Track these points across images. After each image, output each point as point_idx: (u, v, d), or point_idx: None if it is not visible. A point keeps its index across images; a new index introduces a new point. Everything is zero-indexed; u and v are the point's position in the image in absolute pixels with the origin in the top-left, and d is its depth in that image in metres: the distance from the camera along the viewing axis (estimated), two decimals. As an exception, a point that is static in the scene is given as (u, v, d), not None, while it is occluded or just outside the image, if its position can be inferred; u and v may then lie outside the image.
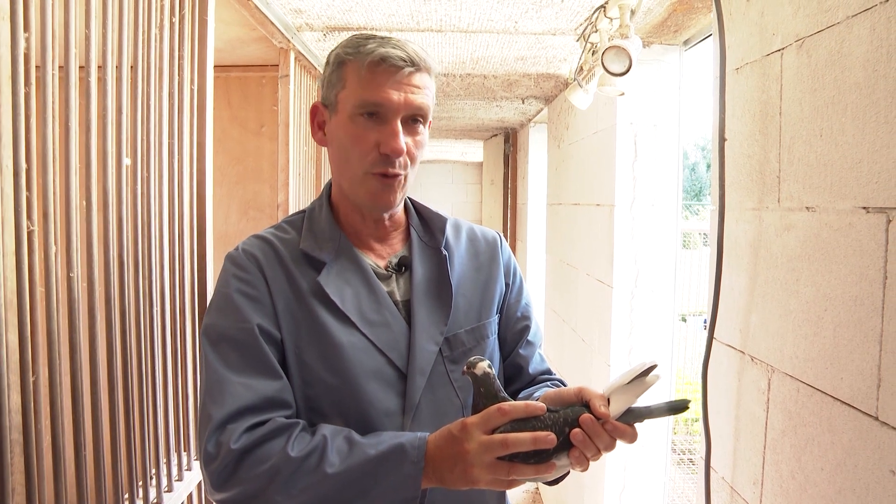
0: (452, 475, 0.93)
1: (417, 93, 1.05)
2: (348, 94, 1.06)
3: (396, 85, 1.04)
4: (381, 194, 1.09)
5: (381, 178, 1.07)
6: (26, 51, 1.04)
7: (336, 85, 1.08)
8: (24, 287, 1.06)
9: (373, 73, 1.03)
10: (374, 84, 1.03)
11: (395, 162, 1.06)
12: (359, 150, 1.06)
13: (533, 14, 2.22)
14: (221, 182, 3.20)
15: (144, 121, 1.49)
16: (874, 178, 1.05)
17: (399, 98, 1.04)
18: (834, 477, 1.15)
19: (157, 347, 1.55)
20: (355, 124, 1.06)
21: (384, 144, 1.04)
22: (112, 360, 1.37)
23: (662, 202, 2.57)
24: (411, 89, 1.05)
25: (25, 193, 1.05)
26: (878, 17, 1.04)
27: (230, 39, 2.69)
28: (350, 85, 1.06)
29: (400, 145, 1.05)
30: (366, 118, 1.05)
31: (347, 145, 1.07)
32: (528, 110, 4.44)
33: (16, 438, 1.03)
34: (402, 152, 1.05)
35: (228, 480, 0.95)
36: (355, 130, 1.06)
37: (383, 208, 1.12)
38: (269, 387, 1.01)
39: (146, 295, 1.50)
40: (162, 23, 1.56)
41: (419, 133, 1.09)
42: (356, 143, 1.06)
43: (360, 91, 1.04)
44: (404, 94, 1.04)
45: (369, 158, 1.06)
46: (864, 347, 1.07)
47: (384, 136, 1.05)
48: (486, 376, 0.98)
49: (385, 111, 1.04)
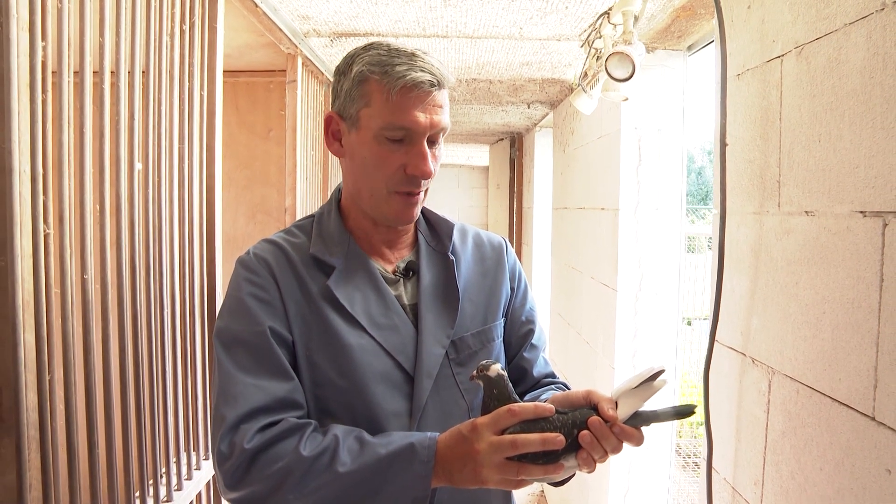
0: (462, 475, 0.95)
1: (440, 112, 1.07)
2: (373, 113, 1.05)
3: (423, 108, 1.04)
4: (404, 211, 1.11)
5: (406, 197, 1.10)
6: (43, 59, 1.07)
7: (358, 101, 1.06)
8: (41, 289, 1.09)
9: (403, 99, 1.03)
10: (404, 108, 1.03)
11: (420, 182, 1.08)
12: (384, 171, 1.07)
13: (538, 20, 2.25)
14: (229, 186, 3.24)
15: (156, 126, 1.52)
16: (871, 182, 1.07)
17: (426, 121, 1.04)
18: (833, 477, 1.17)
19: (168, 348, 1.58)
20: (381, 145, 1.06)
21: (412, 167, 1.06)
22: (124, 361, 1.39)
23: (667, 206, 2.59)
24: (435, 110, 1.06)
25: (42, 198, 1.08)
26: (873, 25, 1.06)
27: (239, 45, 2.73)
28: (376, 104, 1.04)
29: (429, 168, 1.06)
30: (392, 140, 1.06)
31: (371, 165, 1.08)
32: (534, 115, 4.46)
33: (32, 435, 1.06)
34: (430, 175, 1.08)
35: (242, 480, 0.97)
36: (381, 151, 1.06)
37: (405, 223, 1.14)
38: (280, 388, 1.03)
39: (157, 297, 1.53)
40: (173, 30, 1.59)
41: (438, 148, 1.11)
42: (382, 164, 1.07)
43: (387, 114, 1.04)
44: (430, 115, 1.05)
45: (396, 178, 1.07)
46: (862, 349, 1.09)
47: (411, 158, 1.06)
48: (501, 378, 1.00)
49: (412, 134, 1.05)
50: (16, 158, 1.02)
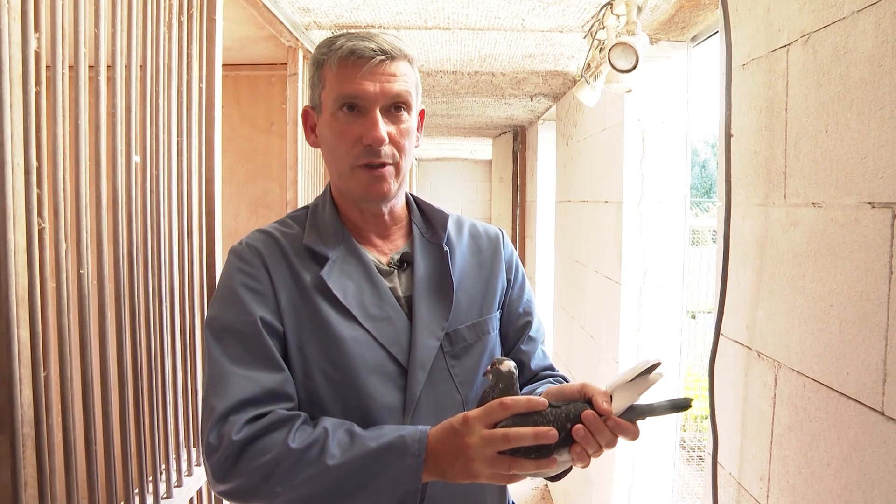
0: (453, 469, 0.94)
1: (393, 80, 1.07)
2: (328, 92, 1.08)
3: (370, 76, 1.05)
4: (371, 186, 1.10)
5: (369, 170, 1.09)
6: (37, 50, 1.06)
7: (318, 86, 1.11)
8: (36, 284, 1.07)
9: (345, 67, 1.06)
10: (348, 77, 1.06)
11: (378, 151, 1.07)
12: (344, 145, 1.08)
13: (540, 11, 2.23)
14: (231, 180, 3.22)
15: (153, 119, 1.50)
16: (879, 172, 1.05)
17: (374, 88, 1.05)
18: (840, 472, 1.15)
19: (167, 344, 1.56)
20: (337, 120, 1.08)
21: (365, 136, 1.06)
22: (122, 357, 1.38)
23: (671, 199, 2.57)
24: (386, 78, 1.06)
25: (36, 191, 1.07)
26: (883, 12, 1.04)
27: (239, 38, 2.71)
28: (328, 83, 1.08)
29: (380, 134, 1.06)
30: (346, 112, 1.07)
31: (333, 142, 1.09)
32: (537, 108, 4.43)
33: (28, 433, 1.05)
34: (382, 141, 1.06)
35: (230, 472, 0.96)
36: (338, 126, 1.08)
37: (376, 199, 1.13)
38: (271, 379, 1.02)
39: (156, 292, 1.51)
40: (171, 22, 1.57)
41: (403, 121, 1.10)
42: (340, 138, 1.08)
43: (336, 87, 1.07)
44: (379, 83, 1.06)
45: (354, 151, 1.08)
46: (870, 342, 1.07)
47: (365, 128, 1.06)
48: (511, 375, 0.99)
49: (363, 103, 1.06)
50: (8, 151, 1.00)
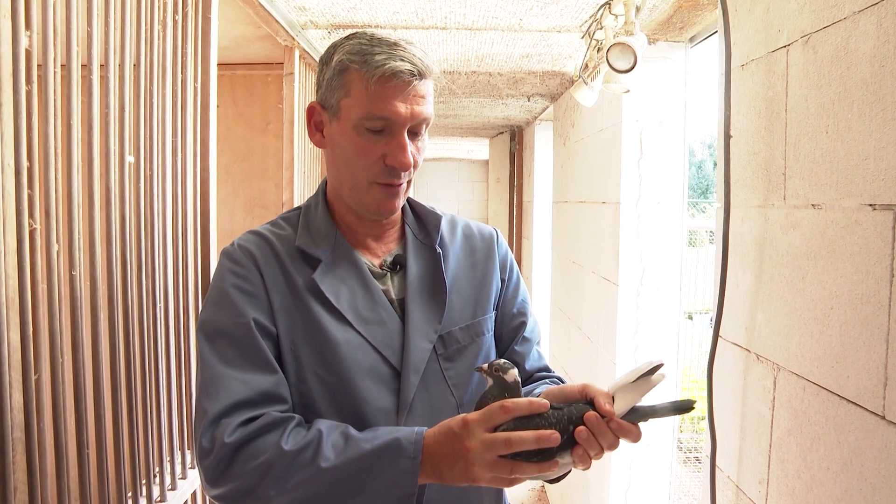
0: (452, 472, 0.92)
1: (422, 103, 1.05)
2: (353, 103, 1.03)
3: (403, 97, 1.02)
4: (385, 202, 1.09)
5: (387, 188, 1.08)
6: (28, 48, 1.04)
7: (338, 91, 1.05)
8: (27, 285, 1.06)
9: (382, 88, 1.01)
10: (382, 97, 1.01)
11: (400, 173, 1.06)
12: (365, 161, 1.05)
13: (538, 11, 2.21)
14: (227, 180, 3.21)
15: (147, 119, 1.49)
16: (881, 174, 1.04)
17: (406, 111, 1.03)
18: (840, 476, 1.14)
19: (161, 346, 1.55)
20: (360, 136, 1.04)
21: (391, 157, 1.04)
22: (115, 359, 1.36)
23: (668, 200, 2.56)
24: (416, 100, 1.04)
25: (27, 191, 1.05)
26: (884, 12, 1.03)
27: (235, 37, 2.69)
28: (355, 94, 1.03)
29: (409, 160, 1.04)
30: (372, 130, 1.04)
31: (351, 155, 1.06)
32: (534, 108, 4.42)
33: (18, 437, 1.03)
34: (410, 166, 1.05)
35: (223, 475, 0.95)
36: (361, 142, 1.05)
37: (386, 215, 1.12)
38: (264, 381, 1.01)
39: (149, 293, 1.50)
40: (165, 20, 1.55)
41: (421, 139, 1.09)
42: (362, 154, 1.05)
43: (367, 104, 1.02)
44: (410, 106, 1.03)
45: (375, 169, 1.06)
46: (871, 346, 1.06)
47: (391, 150, 1.04)
48: (516, 385, 0.96)
49: (392, 124, 1.03)
50: (-2, 151, 0.99)
